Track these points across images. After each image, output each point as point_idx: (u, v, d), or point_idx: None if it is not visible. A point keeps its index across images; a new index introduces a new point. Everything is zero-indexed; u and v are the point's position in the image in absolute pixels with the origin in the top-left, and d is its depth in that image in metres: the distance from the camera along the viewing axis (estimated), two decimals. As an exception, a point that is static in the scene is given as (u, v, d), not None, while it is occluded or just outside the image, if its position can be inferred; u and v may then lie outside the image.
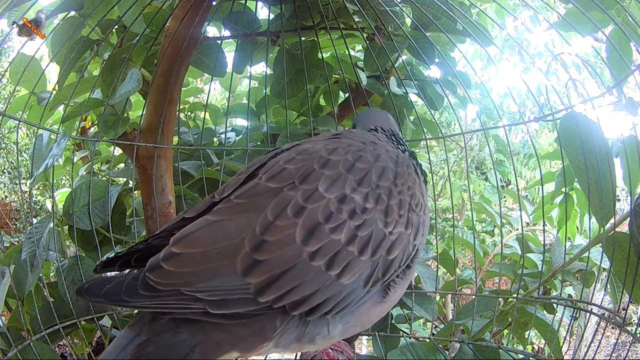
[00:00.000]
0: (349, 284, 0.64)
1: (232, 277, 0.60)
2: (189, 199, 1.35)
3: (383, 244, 0.67)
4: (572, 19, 1.04)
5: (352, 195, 0.66)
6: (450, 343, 1.25)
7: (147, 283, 0.59)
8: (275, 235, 0.61)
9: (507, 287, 1.77)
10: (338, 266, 0.63)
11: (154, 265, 0.60)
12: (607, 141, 0.99)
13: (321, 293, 0.62)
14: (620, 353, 2.53)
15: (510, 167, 3.33)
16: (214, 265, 0.60)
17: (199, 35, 1.29)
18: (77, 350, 1.30)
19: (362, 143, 0.77)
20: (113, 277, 0.62)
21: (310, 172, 0.68)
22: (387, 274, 0.68)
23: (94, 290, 0.60)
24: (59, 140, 1.08)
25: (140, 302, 0.59)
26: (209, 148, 1.51)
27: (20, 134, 2.71)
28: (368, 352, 2.76)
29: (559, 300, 1.21)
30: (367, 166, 0.71)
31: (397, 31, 1.34)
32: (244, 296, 0.60)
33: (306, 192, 0.65)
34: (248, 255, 0.60)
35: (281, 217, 0.63)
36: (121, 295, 0.59)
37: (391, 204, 0.69)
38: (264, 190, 0.67)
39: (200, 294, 0.59)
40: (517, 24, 4.08)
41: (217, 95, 3.30)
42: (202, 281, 0.59)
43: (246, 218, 0.63)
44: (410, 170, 0.76)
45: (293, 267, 0.61)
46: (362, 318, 0.70)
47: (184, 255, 0.61)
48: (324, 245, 0.62)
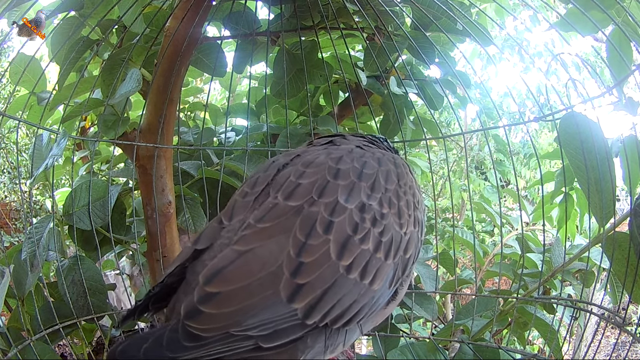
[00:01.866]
0: (379, 289, 0.65)
1: (279, 307, 0.57)
2: (189, 199, 1.35)
3: (401, 245, 0.68)
4: (572, 19, 1.04)
5: (369, 202, 0.67)
6: (450, 343, 1.25)
7: (189, 332, 0.54)
8: (312, 256, 0.60)
9: (507, 287, 1.77)
10: (370, 274, 0.63)
11: (192, 311, 0.55)
12: (607, 141, 0.99)
13: (358, 303, 0.62)
14: (620, 353, 2.54)
15: (510, 167, 3.33)
16: (259, 298, 0.57)
17: (199, 35, 1.29)
18: (77, 350, 1.30)
19: (359, 148, 0.78)
20: (147, 333, 0.56)
21: (326, 184, 0.67)
22: (405, 271, 0.70)
23: (130, 352, 0.53)
24: (59, 140, 1.08)
25: (188, 355, 0.54)
26: (209, 148, 1.51)
27: (20, 134, 2.71)
28: (368, 352, 2.76)
29: (559, 300, 1.21)
30: (373, 171, 0.71)
31: (397, 31, 1.34)
32: (293, 322, 0.57)
33: (329, 206, 0.64)
34: (289, 281, 0.58)
35: (313, 236, 0.61)
36: (164, 352, 0.53)
37: (401, 206, 0.70)
38: (286, 210, 0.64)
39: (251, 332, 0.55)
40: (517, 24, 4.08)
41: (217, 95, 3.30)
42: (250, 318, 0.56)
43: (277, 243, 0.61)
44: (406, 170, 0.77)
45: (333, 283, 0.60)
46: (378, 317, 0.72)
47: (223, 293, 0.56)
48: (356, 257, 0.62)
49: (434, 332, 1.49)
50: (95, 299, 1.16)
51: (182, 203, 1.31)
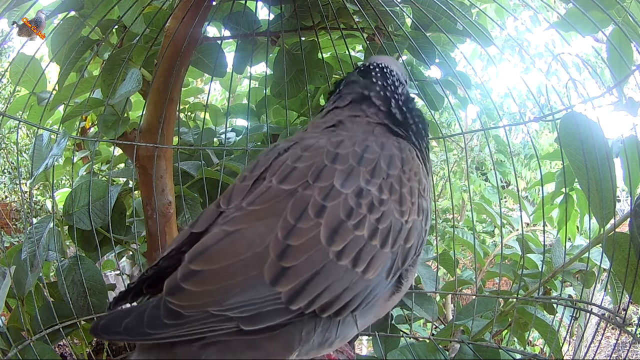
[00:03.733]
0: (374, 278, 0.62)
1: (261, 289, 0.55)
2: (189, 199, 1.35)
3: (401, 233, 0.66)
4: (573, 19, 1.04)
5: (367, 187, 0.64)
6: (450, 343, 1.25)
7: (170, 309, 0.54)
8: (300, 239, 0.58)
9: (507, 287, 1.77)
10: (363, 262, 0.61)
11: (173, 287, 0.55)
12: (607, 141, 0.99)
13: (349, 291, 0.60)
14: (620, 353, 2.53)
15: (510, 167, 3.33)
16: (241, 278, 0.55)
17: (199, 35, 1.29)
18: (77, 350, 1.30)
19: (363, 132, 0.75)
20: (130, 308, 0.56)
21: (322, 168, 0.65)
22: (406, 262, 0.67)
23: (112, 327, 0.53)
24: (59, 140, 1.08)
25: (167, 332, 0.53)
26: (209, 148, 1.51)
27: (20, 134, 2.71)
28: (368, 352, 2.76)
29: (559, 300, 1.21)
30: (375, 156, 0.68)
31: (397, 31, 1.34)
32: (276, 307, 0.56)
33: (323, 190, 0.62)
34: (274, 263, 0.56)
35: (303, 219, 0.60)
36: (144, 328, 0.53)
37: (403, 192, 0.68)
38: (279, 193, 0.63)
39: (232, 312, 0.54)
40: (517, 24, 4.08)
41: (217, 96, 3.30)
42: (230, 297, 0.54)
43: (265, 224, 0.59)
44: (413, 155, 0.74)
45: (321, 269, 0.58)
46: (380, 310, 0.70)
47: (206, 272, 0.56)
48: (349, 243, 0.60)
49: (434, 332, 1.49)
50: (95, 299, 1.16)
51: (182, 203, 1.31)
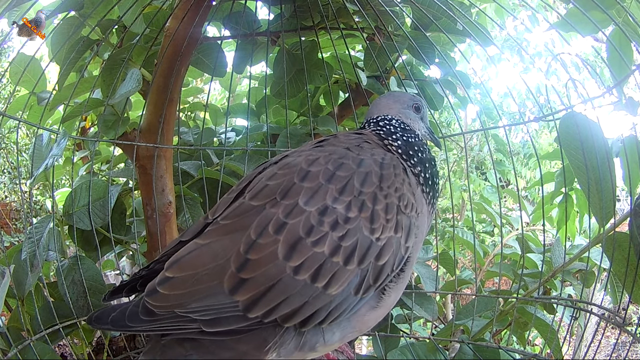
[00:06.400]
0: (338, 293, 0.66)
1: (220, 297, 0.63)
2: (189, 199, 1.35)
3: (371, 251, 0.67)
4: (572, 19, 1.04)
5: (333, 205, 0.67)
6: (450, 343, 1.25)
7: (146, 308, 0.64)
8: (258, 254, 0.64)
9: (507, 287, 1.77)
10: (324, 278, 0.64)
11: (152, 290, 0.65)
12: (607, 141, 0.99)
13: (310, 305, 0.64)
14: (620, 353, 2.53)
15: (510, 167, 3.33)
16: (204, 286, 0.64)
17: (199, 35, 1.29)
18: (77, 350, 1.30)
19: (345, 149, 0.76)
20: (119, 305, 0.67)
21: (291, 186, 0.69)
22: (379, 279, 0.69)
23: (103, 319, 0.65)
24: (59, 140, 1.08)
25: (142, 327, 0.63)
26: (209, 148, 1.51)
27: (20, 134, 2.71)
28: (368, 352, 2.76)
29: (559, 300, 1.21)
30: (348, 174, 0.70)
31: (397, 31, 1.34)
32: (234, 313, 0.63)
33: (287, 208, 0.67)
34: (234, 275, 0.64)
35: (263, 235, 0.65)
36: (125, 322, 0.64)
37: (377, 210, 0.69)
38: (248, 209, 0.69)
39: (194, 314, 0.63)
40: (517, 24, 4.08)
41: (217, 95, 3.30)
42: (193, 302, 0.63)
43: (231, 239, 0.67)
44: (397, 171, 0.74)
45: (277, 282, 0.63)
46: (359, 324, 0.72)
47: (176, 278, 0.65)
48: (307, 259, 0.64)
49: (434, 332, 1.49)
50: (95, 299, 1.16)
51: (182, 203, 1.31)
